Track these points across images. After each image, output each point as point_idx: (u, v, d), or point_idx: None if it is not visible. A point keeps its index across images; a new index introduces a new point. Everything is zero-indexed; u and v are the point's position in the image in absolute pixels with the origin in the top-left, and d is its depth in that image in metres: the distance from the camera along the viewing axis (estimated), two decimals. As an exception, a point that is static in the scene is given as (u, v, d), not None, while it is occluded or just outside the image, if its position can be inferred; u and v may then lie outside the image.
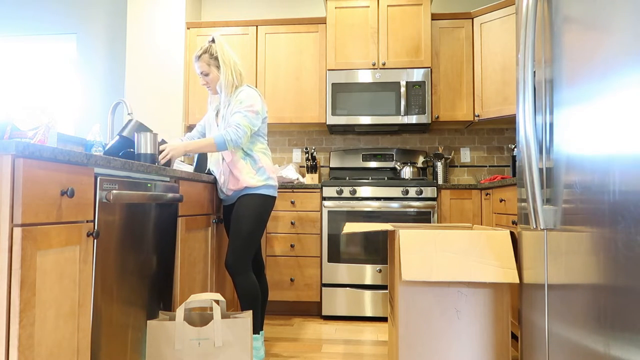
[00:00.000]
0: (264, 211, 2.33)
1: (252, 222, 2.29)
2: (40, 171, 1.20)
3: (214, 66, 2.38)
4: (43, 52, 4.44)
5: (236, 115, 2.30)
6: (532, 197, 1.32)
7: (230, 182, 2.37)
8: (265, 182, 2.35)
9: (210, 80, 2.40)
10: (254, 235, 2.30)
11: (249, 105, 2.31)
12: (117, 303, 1.59)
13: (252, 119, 2.30)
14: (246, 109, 2.30)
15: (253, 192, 2.33)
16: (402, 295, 1.73)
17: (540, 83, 1.41)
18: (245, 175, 2.33)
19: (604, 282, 1.04)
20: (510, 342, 1.70)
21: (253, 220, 2.29)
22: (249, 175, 2.33)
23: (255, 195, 2.33)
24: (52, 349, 1.25)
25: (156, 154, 2.15)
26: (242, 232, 2.27)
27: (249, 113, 2.30)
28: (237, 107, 2.32)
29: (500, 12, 3.40)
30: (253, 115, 2.31)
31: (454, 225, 2.28)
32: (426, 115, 3.45)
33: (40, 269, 1.20)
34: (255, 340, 2.29)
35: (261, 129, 2.42)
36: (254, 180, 2.33)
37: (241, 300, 2.27)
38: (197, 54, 2.39)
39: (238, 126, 2.27)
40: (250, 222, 2.29)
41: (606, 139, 1.04)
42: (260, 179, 2.34)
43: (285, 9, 4.13)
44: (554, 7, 1.31)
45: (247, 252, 2.28)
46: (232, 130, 2.25)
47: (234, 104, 2.34)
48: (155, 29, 3.79)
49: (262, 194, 2.34)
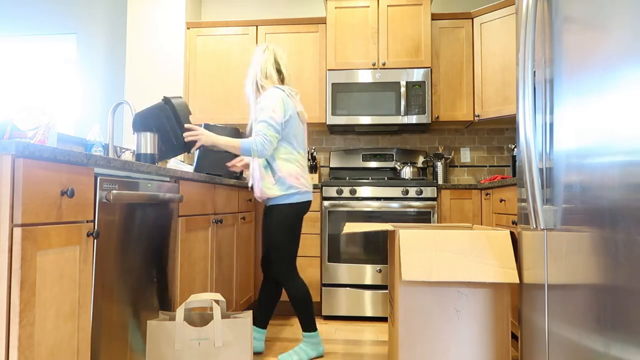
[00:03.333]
0: (290, 220, 2.37)
1: (281, 234, 2.36)
2: (40, 171, 1.20)
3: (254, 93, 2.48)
4: (43, 52, 4.44)
5: (260, 125, 2.29)
6: (532, 197, 1.32)
7: (256, 190, 2.46)
8: (285, 192, 2.34)
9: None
10: (287, 244, 2.38)
11: (270, 112, 2.30)
12: (117, 303, 1.59)
13: (276, 127, 2.30)
14: (268, 118, 2.29)
15: (276, 202, 2.38)
16: (402, 295, 1.73)
17: (540, 83, 1.41)
18: (264, 187, 2.38)
19: (604, 282, 1.04)
20: (510, 342, 1.70)
21: (282, 232, 2.36)
22: (267, 187, 2.37)
23: (278, 206, 2.37)
24: (52, 349, 1.25)
25: (156, 154, 2.15)
26: (276, 244, 2.37)
27: (271, 121, 2.29)
28: (260, 115, 2.33)
29: (500, 12, 3.40)
30: (276, 123, 2.30)
31: (454, 225, 2.28)
32: (426, 115, 3.45)
33: (40, 269, 1.20)
34: (314, 337, 2.40)
35: (285, 132, 2.37)
36: (272, 191, 2.36)
37: (293, 305, 2.39)
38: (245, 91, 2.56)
39: (265, 137, 2.27)
40: (280, 233, 2.36)
41: (606, 139, 1.04)
42: (280, 190, 2.35)
43: (285, 9, 4.13)
44: (554, 7, 1.31)
45: (286, 260, 2.38)
46: (260, 140, 2.26)
47: (258, 112, 2.36)
48: (155, 29, 3.80)
49: (285, 204, 2.36)
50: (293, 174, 2.36)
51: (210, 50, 3.77)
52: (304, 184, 2.40)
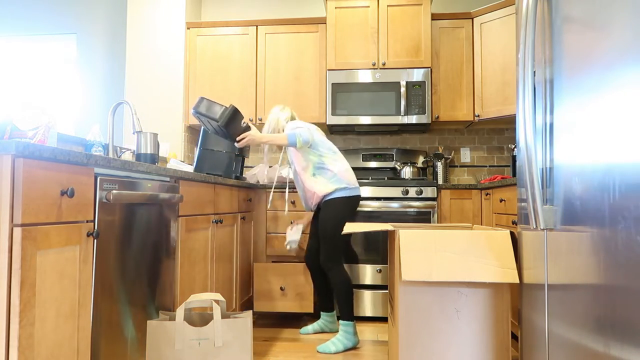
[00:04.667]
0: (343, 212, 2.63)
1: (333, 225, 2.62)
2: (40, 171, 1.20)
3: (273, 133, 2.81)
4: (43, 52, 4.44)
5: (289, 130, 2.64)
6: (532, 197, 1.32)
7: (313, 200, 2.70)
8: (338, 186, 2.63)
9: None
10: (338, 236, 2.63)
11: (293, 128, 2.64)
12: (117, 303, 1.59)
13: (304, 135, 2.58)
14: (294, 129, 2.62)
15: (330, 197, 2.65)
16: (402, 295, 1.73)
17: (540, 83, 1.41)
18: (320, 188, 2.65)
19: (604, 282, 1.04)
20: (510, 342, 1.70)
21: (334, 224, 2.62)
22: (323, 186, 2.65)
23: (332, 200, 2.64)
24: (52, 349, 1.25)
25: (156, 154, 2.16)
26: (327, 235, 2.62)
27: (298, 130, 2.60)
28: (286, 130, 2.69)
29: (500, 12, 3.40)
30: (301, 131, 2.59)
31: (454, 225, 2.28)
32: (426, 115, 3.45)
33: (40, 269, 1.20)
34: (350, 327, 2.59)
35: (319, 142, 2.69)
36: (327, 188, 2.64)
37: (335, 292, 2.63)
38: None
39: (300, 127, 2.59)
40: (331, 224, 2.62)
41: (607, 138, 1.04)
42: (333, 186, 2.63)
43: (285, 9, 4.13)
44: (554, 7, 1.31)
45: (335, 250, 2.63)
46: (298, 131, 2.57)
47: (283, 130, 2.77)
48: (155, 29, 3.79)
49: (339, 197, 2.63)
50: (342, 172, 2.66)
51: (210, 50, 3.76)
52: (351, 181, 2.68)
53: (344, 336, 2.56)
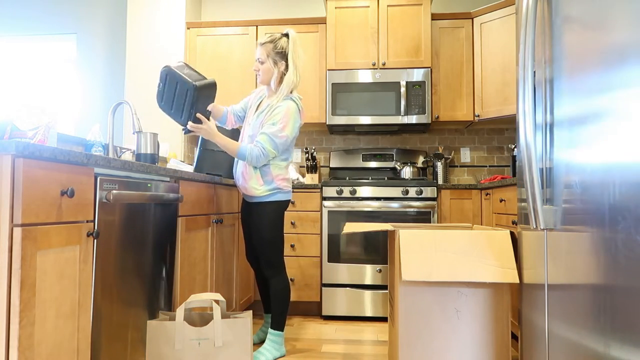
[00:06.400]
0: (276, 217, 2.41)
1: (269, 230, 2.40)
2: (40, 171, 1.20)
3: (272, 59, 2.37)
4: (43, 52, 4.44)
5: (263, 136, 2.29)
6: (532, 197, 1.32)
7: (240, 185, 2.44)
8: (271, 191, 2.38)
9: (263, 71, 2.39)
10: (275, 240, 2.42)
11: (281, 127, 2.30)
12: (117, 303, 1.59)
13: (278, 145, 2.31)
14: (274, 134, 2.29)
15: (262, 200, 2.39)
16: (402, 295, 1.73)
17: (540, 83, 1.41)
18: (251, 186, 2.38)
19: (604, 282, 1.04)
20: (510, 342, 1.70)
21: (269, 229, 2.40)
22: (255, 187, 2.38)
23: (264, 203, 2.39)
24: (52, 349, 1.25)
25: (156, 154, 2.16)
26: (264, 240, 2.40)
27: (277, 139, 2.30)
28: (269, 127, 2.31)
29: (500, 12, 3.40)
30: (280, 142, 2.31)
31: (454, 225, 2.28)
32: (426, 115, 3.45)
33: (40, 269, 1.20)
34: (280, 337, 2.44)
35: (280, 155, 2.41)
36: (259, 191, 2.37)
37: (271, 300, 2.43)
38: (262, 41, 2.40)
39: (263, 150, 2.28)
40: (267, 230, 2.40)
41: (606, 139, 1.04)
42: (266, 189, 2.37)
43: (285, 9, 4.13)
44: (554, 7, 1.31)
45: (274, 256, 2.42)
46: (257, 152, 2.28)
47: (270, 116, 2.33)
48: (155, 29, 3.79)
49: (271, 201, 2.39)
50: (280, 175, 2.40)
51: (210, 50, 3.76)
52: (287, 183, 2.44)
53: (273, 346, 2.40)
